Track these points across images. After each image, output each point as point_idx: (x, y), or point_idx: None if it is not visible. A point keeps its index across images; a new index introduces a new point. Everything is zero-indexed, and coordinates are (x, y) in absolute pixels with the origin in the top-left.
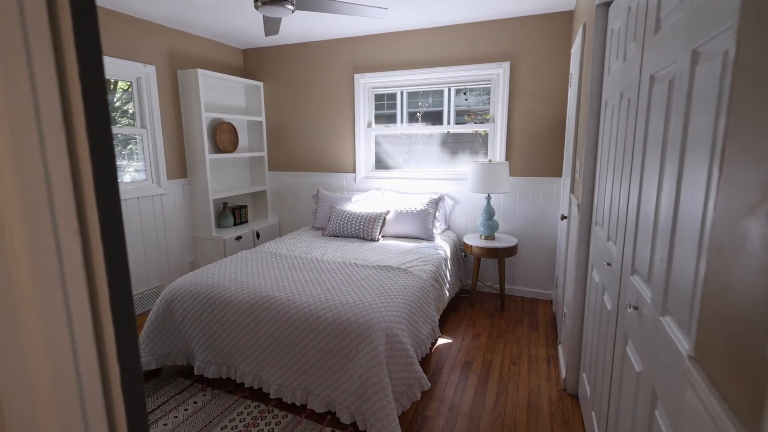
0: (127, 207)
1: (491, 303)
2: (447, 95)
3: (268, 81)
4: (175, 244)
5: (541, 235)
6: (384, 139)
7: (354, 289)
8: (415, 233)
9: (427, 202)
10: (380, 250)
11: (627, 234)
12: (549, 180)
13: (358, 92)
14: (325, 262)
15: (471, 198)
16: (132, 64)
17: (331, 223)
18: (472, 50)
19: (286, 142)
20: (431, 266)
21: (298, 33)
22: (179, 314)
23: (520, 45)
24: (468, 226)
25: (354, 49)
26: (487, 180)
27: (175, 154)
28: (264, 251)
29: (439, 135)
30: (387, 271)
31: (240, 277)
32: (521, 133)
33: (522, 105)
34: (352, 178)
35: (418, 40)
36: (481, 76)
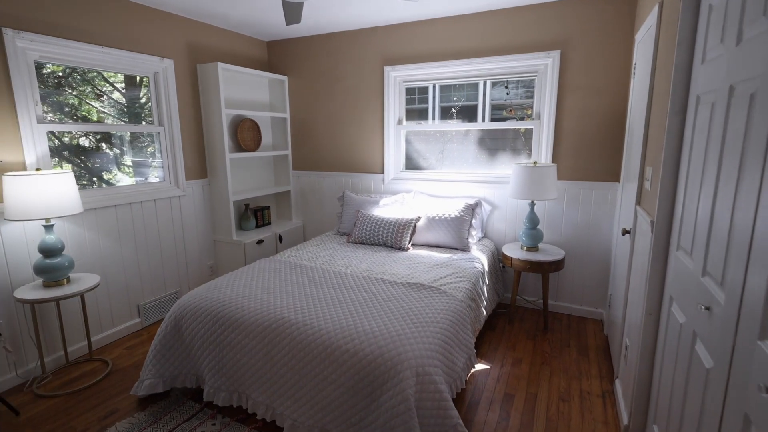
0: (143, 210)
1: (533, 320)
2: (482, 89)
3: (292, 75)
4: (195, 248)
5: (592, 247)
6: (415, 137)
7: (380, 312)
8: (449, 242)
9: (463, 207)
10: (410, 262)
11: (750, 275)
12: (603, 185)
13: (388, 86)
14: (349, 277)
15: (511, 203)
16: (148, 58)
17: (357, 229)
18: (515, 38)
19: (311, 140)
20: (467, 283)
21: (324, 23)
22: (188, 333)
23: (572, 31)
24: (507, 233)
25: (384, 39)
26: (532, 185)
27: (194, 154)
28: (283, 261)
29: (475, 133)
30: (418, 290)
31: (255, 293)
32: (571, 131)
33: (573, 99)
34: (380, 179)
35: (455, 28)
36: (526, 67)
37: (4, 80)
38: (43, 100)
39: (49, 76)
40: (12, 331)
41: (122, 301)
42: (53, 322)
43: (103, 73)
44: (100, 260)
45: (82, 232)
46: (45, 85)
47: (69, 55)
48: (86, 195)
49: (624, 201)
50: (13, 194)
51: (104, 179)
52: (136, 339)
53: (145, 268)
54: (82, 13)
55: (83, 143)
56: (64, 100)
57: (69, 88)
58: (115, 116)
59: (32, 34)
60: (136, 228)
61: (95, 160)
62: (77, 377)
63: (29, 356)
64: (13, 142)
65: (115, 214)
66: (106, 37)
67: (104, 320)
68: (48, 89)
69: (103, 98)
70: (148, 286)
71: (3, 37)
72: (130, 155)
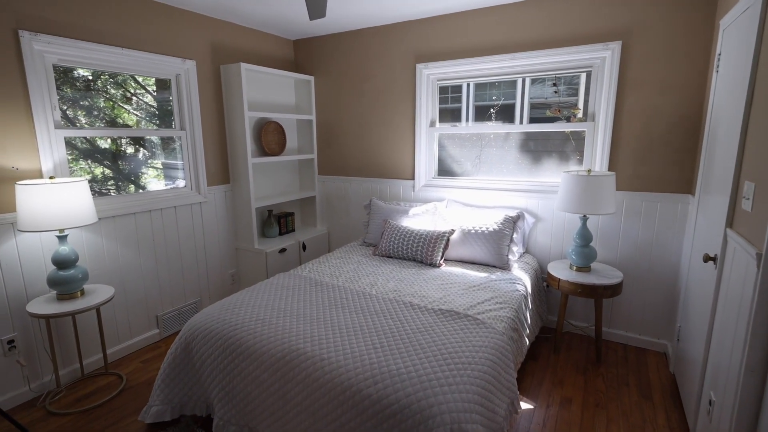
0: (164, 217)
1: (582, 349)
2: (521, 86)
3: (319, 75)
4: (216, 257)
5: (656, 269)
6: (449, 141)
7: (408, 348)
8: (486, 259)
9: (502, 220)
10: (442, 282)
11: None
12: (671, 198)
13: (420, 85)
14: (374, 299)
15: (558, 215)
16: (170, 59)
17: (385, 241)
18: (566, 30)
19: (338, 143)
20: (509, 310)
21: (352, 18)
22: (198, 358)
23: (636, 19)
24: (553, 249)
25: (416, 34)
26: (585, 196)
27: (217, 159)
28: (303, 277)
29: (517, 135)
30: (452, 319)
31: (269, 316)
32: (633, 134)
33: (636, 98)
34: (410, 185)
35: (495, 20)
36: (579, 61)
37: (21, 85)
38: (73, 103)
39: (78, 79)
40: (27, 344)
41: (140, 311)
42: (69, 334)
43: (135, 76)
44: (117, 270)
45: (99, 240)
46: (74, 88)
47: (88, 58)
48: (104, 203)
49: (702, 219)
50: (26, 204)
51: (135, 182)
52: (153, 351)
53: (164, 278)
54: (101, 13)
55: (111, 146)
56: (94, 103)
57: (98, 91)
58: (146, 119)
59: (50, 36)
60: (156, 236)
61: (126, 164)
62: (91, 392)
63: (44, 369)
64: (30, 148)
65: (134, 222)
66: (127, 38)
67: (122, 331)
68: (79, 92)
69: (133, 101)
70: (168, 296)
71: (20, 40)
72: (161, 158)
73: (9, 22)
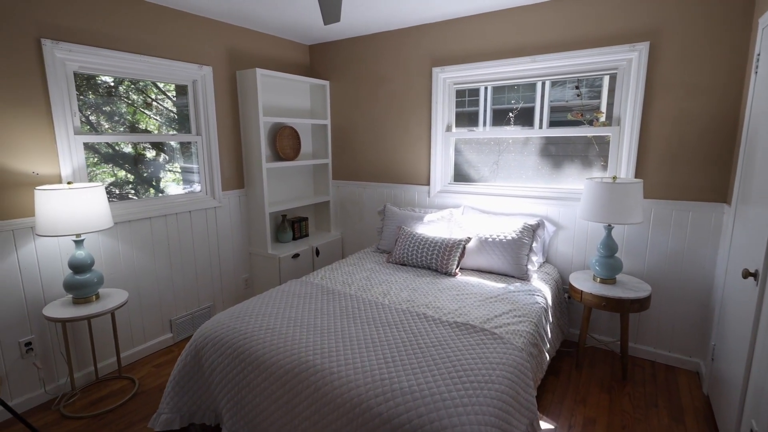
0: (178, 222)
1: (606, 365)
2: (540, 89)
3: (334, 79)
4: (230, 261)
5: (687, 282)
6: (465, 145)
7: (422, 363)
8: (504, 269)
9: (521, 228)
10: (458, 293)
11: None
12: (704, 207)
13: (436, 89)
14: (387, 309)
15: (581, 223)
16: (187, 65)
17: (399, 248)
18: (590, 31)
19: (352, 148)
20: (528, 324)
21: (368, 23)
22: (208, 366)
23: (665, 18)
24: (575, 259)
25: (433, 37)
26: (610, 205)
27: (232, 163)
28: (315, 284)
29: (537, 140)
30: (468, 333)
31: (279, 326)
32: (662, 139)
33: (665, 101)
34: (425, 191)
35: (515, 21)
36: (603, 63)
37: (42, 92)
38: (96, 109)
39: (101, 85)
40: (44, 347)
41: (154, 315)
42: (84, 338)
43: (155, 81)
44: (133, 274)
45: (116, 244)
46: (97, 93)
47: (108, 65)
48: (121, 207)
49: (740, 230)
50: (44, 209)
51: (154, 186)
52: (165, 356)
53: (178, 282)
54: (121, 21)
55: (132, 151)
56: (116, 108)
57: (120, 97)
58: (165, 124)
59: (71, 44)
60: (171, 240)
61: (145, 168)
62: (104, 396)
63: (59, 372)
64: (50, 153)
65: (149, 226)
66: (145, 45)
67: (136, 335)
68: (101, 98)
69: (152, 106)
70: (181, 301)
71: (42, 48)
72: (180, 162)
73: (32, 31)
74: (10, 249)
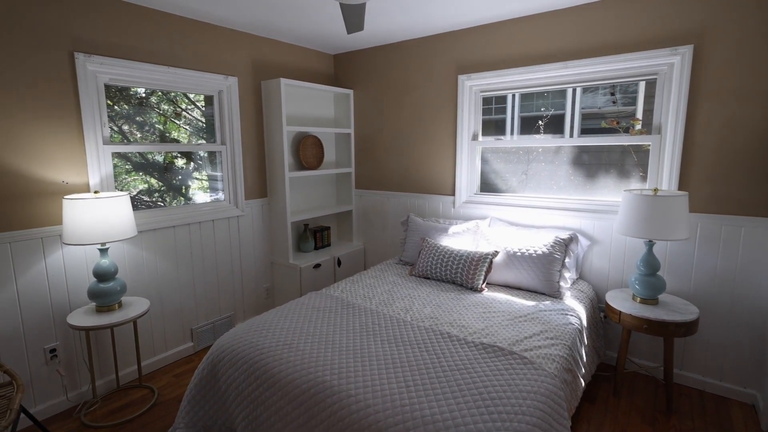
0: (201, 230)
1: (648, 393)
2: (571, 95)
3: (358, 88)
4: (251, 270)
5: (739, 304)
6: (492, 155)
7: (445, 388)
8: (534, 285)
9: (552, 242)
10: (484, 310)
11: None
12: (760, 222)
13: (462, 97)
14: (409, 326)
15: (618, 238)
16: (213, 76)
17: (422, 261)
18: (626, 34)
19: (376, 157)
20: (561, 348)
21: (393, 31)
22: (224, 381)
23: (711, 20)
24: (611, 276)
25: (458, 44)
26: (652, 219)
27: (255, 173)
28: (335, 297)
29: (568, 149)
30: (495, 356)
31: (296, 341)
32: (709, 148)
33: (712, 108)
34: (450, 201)
35: (545, 26)
36: (640, 69)
37: (74, 103)
38: (128, 119)
39: (133, 96)
40: (68, 354)
41: (176, 324)
42: (107, 345)
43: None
44: (155, 282)
45: (140, 253)
46: (130, 104)
47: (137, 76)
48: (145, 216)
49: None
50: (71, 218)
51: (182, 194)
52: (185, 365)
53: (200, 291)
54: (150, 34)
55: (161, 159)
56: (147, 118)
57: (150, 107)
58: (194, 133)
59: (102, 57)
60: (194, 249)
61: (173, 176)
62: (124, 405)
63: (82, 379)
64: (79, 163)
65: (173, 234)
66: (173, 57)
67: (157, 343)
68: (133, 108)
69: (182, 116)
70: (203, 309)
71: (75, 61)
72: (208, 170)
73: (66, 45)
74: (39, 256)
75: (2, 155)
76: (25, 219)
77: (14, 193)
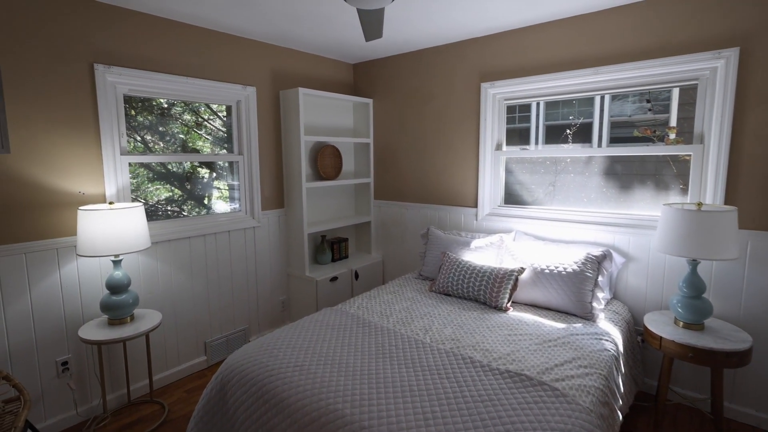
0: (217, 241)
1: (693, 428)
2: (599, 102)
3: (378, 97)
4: (267, 282)
5: None
6: (517, 165)
7: (467, 423)
8: (564, 306)
9: (584, 259)
10: (510, 332)
11: None
12: None
13: (485, 105)
14: (428, 349)
15: (656, 255)
16: (231, 86)
17: (443, 276)
18: (662, 38)
19: (395, 167)
20: (596, 378)
21: (412, 39)
22: (233, 402)
23: (760, 20)
24: (649, 296)
25: (481, 51)
26: (696, 237)
27: (272, 183)
28: (351, 314)
29: (600, 159)
30: (523, 386)
31: (308, 363)
32: (759, 159)
33: (762, 115)
34: (472, 214)
35: (573, 31)
36: (678, 74)
37: (92, 114)
38: (149, 129)
39: (155, 107)
40: (79, 367)
41: (189, 337)
42: (119, 359)
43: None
44: (170, 294)
45: (154, 264)
46: (152, 114)
47: (156, 87)
48: (161, 227)
49: None
50: (84, 229)
51: (202, 203)
52: (197, 380)
53: (214, 303)
54: (169, 45)
55: (181, 169)
56: (168, 129)
57: (172, 117)
58: (215, 143)
59: (122, 68)
60: (209, 260)
61: (193, 186)
62: (135, 421)
63: (93, 393)
64: (96, 173)
65: (188, 246)
66: (192, 67)
67: (170, 356)
68: (155, 118)
69: (203, 126)
70: (217, 322)
71: (94, 72)
72: (228, 179)
73: (86, 57)
74: (53, 267)
75: (21, 165)
76: (41, 229)
77: (31, 203)
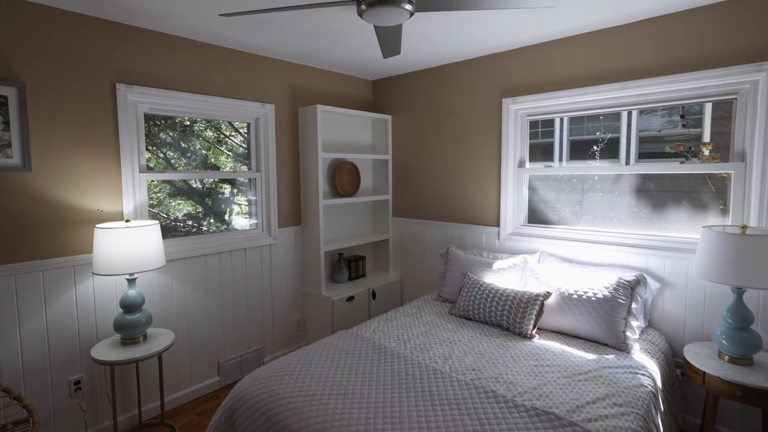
0: (233, 259)
1: None
2: (626, 118)
3: (397, 114)
4: (283, 301)
5: None
6: (541, 183)
7: None
8: (594, 334)
9: (615, 284)
10: (536, 363)
11: None
12: None
13: (507, 122)
14: (447, 379)
15: (696, 281)
16: (250, 104)
17: (463, 299)
18: (696, 50)
19: (414, 184)
20: (633, 418)
21: (432, 55)
22: (242, 431)
23: None
24: (689, 325)
25: (503, 67)
26: (741, 262)
27: (289, 200)
28: (366, 338)
29: (630, 177)
30: (551, 426)
31: (320, 392)
32: None
33: None
34: (494, 233)
35: (600, 45)
36: (714, 88)
37: (113, 132)
38: (171, 146)
39: (177, 124)
40: (92, 386)
41: (202, 357)
42: (131, 378)
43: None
44: (184, 312)
45: (169, 282)
46: (174, 131)
47: (176, 106)
48: (177, 244)
49: None
50: (101, 247)
51: (222, 219)
52: (210, 402)
53: (229, 322)
54: (188, 64)
55: (202, 186)
56: (189, 146)
57: (194, 134)
58: (236, 159)
59: (143, 87)
60: (224, 278)
61: (214, 202)
62: None
63: (104, 414)
64: (115, 191)
65: (204, 263)
66: (212, 86)
67: (183, 377)
68: (177, 135)
69: (224, 143)
70: (231, 342)
71: (116, 92)
72: (248, 195)
73: (108, 76)
74: (70, 285)
75: (42, 183)
76: (58, 247)
77: (50, 221)
